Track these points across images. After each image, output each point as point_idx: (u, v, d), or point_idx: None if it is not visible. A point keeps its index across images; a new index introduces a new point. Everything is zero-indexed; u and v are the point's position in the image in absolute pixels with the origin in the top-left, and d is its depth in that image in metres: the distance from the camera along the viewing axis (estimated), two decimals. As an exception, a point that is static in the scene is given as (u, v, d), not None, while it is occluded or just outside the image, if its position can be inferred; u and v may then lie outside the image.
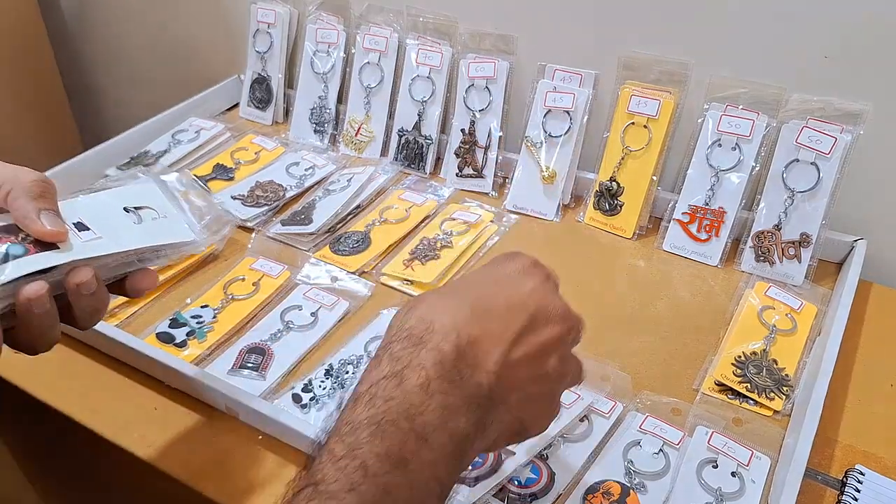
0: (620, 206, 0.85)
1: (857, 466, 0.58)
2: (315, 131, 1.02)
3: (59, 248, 0.44)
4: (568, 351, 0.42)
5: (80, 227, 0.46)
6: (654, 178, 0.83)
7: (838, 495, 0.56)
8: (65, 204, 0.47)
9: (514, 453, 0.56)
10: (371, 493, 0.32)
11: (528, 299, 0.40)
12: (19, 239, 0.44)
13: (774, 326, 0.69)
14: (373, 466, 0.33)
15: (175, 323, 0.71)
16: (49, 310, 0.44)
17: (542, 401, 0.42)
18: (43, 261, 0.43)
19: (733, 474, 0.56)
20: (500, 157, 0.92)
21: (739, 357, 0.66)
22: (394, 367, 0.36)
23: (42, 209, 0.44)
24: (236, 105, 1.12)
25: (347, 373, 0.66)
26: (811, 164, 0.76)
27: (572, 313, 0.42)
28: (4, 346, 0.44)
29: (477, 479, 0.54)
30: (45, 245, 0.44)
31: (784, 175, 0.77)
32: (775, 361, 0.66)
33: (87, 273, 0.44)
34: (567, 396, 0.61)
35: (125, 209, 0.50)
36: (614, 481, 0.56)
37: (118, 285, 0.49)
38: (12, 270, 0.42)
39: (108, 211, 0.49)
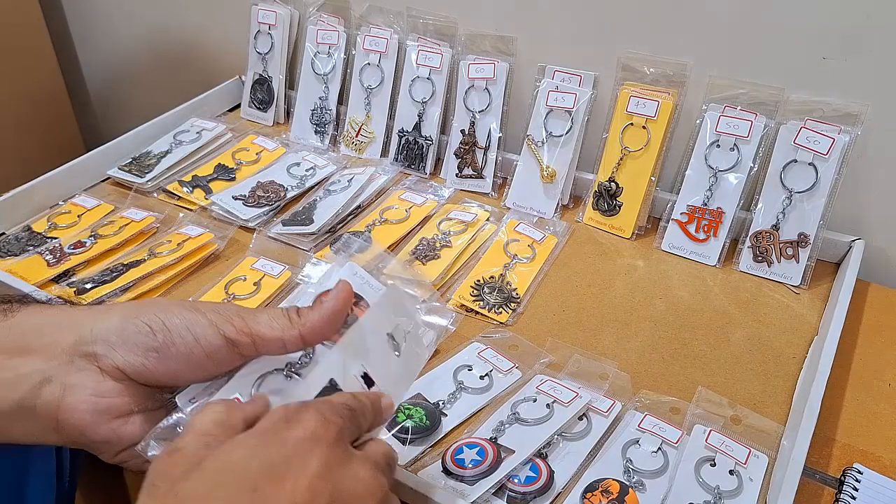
0: (619, 207, 0.85)
1: (855, 465, 0.58)
2: (316, 132, 1.03)
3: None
4: None
5: (367, 380, 0.43)
6: (653, 178, 0.83)
7: (836, 494, 0.56)
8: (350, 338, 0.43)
9: (514, 451, 0.57)
10: None
11: (314, 497, 0.32)
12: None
13: (515, 255, 0.80)
14: None
15: (176, 322, 0.71)
16: None
17: None
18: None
19: (731, 472, 0.56)
20: (500, 158, 0.92)
21: (479, 281, 0.77)
22: None
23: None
24: (237, 106, 1.12)
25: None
26: (809, 164, 0.76)
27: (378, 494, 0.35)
28: None
29: (476, 478, 0.54)
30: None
31: (782, 175, 0.77)
32: (509, 283, 0.77)
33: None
34: (566, 394, 0.62)
35: (388, 335, 0.46)
36: (613, 479, 0.56)
37: None
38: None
39: (378, 347, 0.45)
